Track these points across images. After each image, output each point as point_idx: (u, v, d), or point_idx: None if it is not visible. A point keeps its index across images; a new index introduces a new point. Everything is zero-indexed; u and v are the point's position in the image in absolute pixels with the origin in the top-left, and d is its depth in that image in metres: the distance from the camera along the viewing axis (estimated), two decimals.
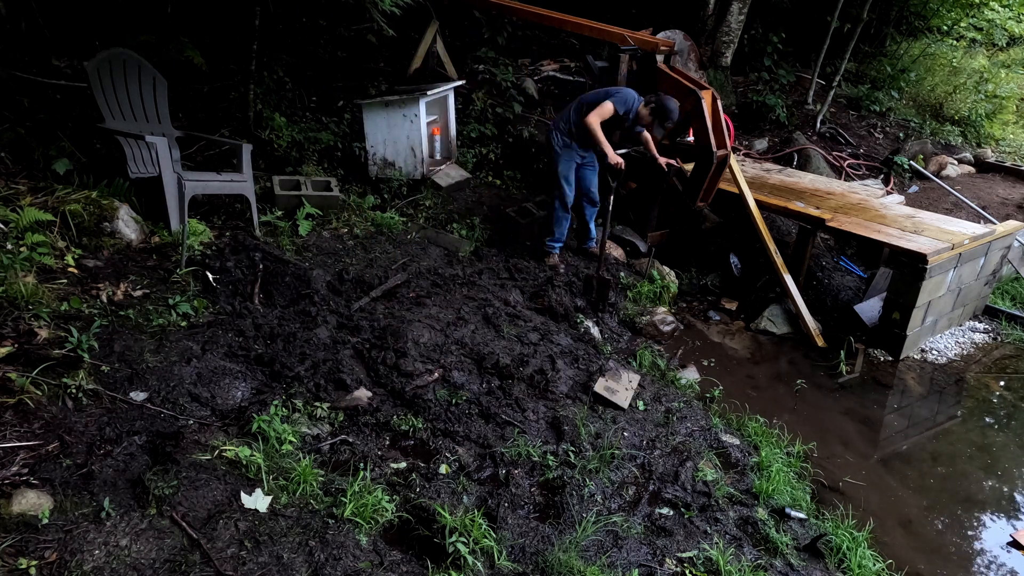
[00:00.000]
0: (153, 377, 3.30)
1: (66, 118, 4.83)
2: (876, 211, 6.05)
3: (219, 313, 4.02)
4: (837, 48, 9.69)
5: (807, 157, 8.27)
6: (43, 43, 5.16)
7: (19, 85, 4.77)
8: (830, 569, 3.27)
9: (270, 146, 5.79)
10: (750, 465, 3.88)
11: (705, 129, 5.51)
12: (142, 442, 2.93)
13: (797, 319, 5.65)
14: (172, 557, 2.47)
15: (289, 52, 6.62)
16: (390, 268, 4.98)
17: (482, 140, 7.04)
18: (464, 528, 2.89)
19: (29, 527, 2.40)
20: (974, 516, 3.94)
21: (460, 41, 8.11)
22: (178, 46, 5.47)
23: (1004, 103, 10.59)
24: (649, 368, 4.74)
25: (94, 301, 3.64)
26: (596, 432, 3.81)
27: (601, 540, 3.11)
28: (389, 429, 3.58)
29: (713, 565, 3.08)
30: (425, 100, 5.88)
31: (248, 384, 3.55)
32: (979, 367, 5.46)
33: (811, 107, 9.51)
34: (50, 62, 5.18)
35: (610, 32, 6.11)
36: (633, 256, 6.04)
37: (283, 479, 2.98)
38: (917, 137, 9.40)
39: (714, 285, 6.33)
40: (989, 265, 5.87)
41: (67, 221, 4.00)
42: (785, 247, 6.16)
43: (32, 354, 3.06)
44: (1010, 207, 7.85)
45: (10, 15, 4.90)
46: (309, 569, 2.58)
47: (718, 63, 9.06)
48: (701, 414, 4.26)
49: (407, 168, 6.09)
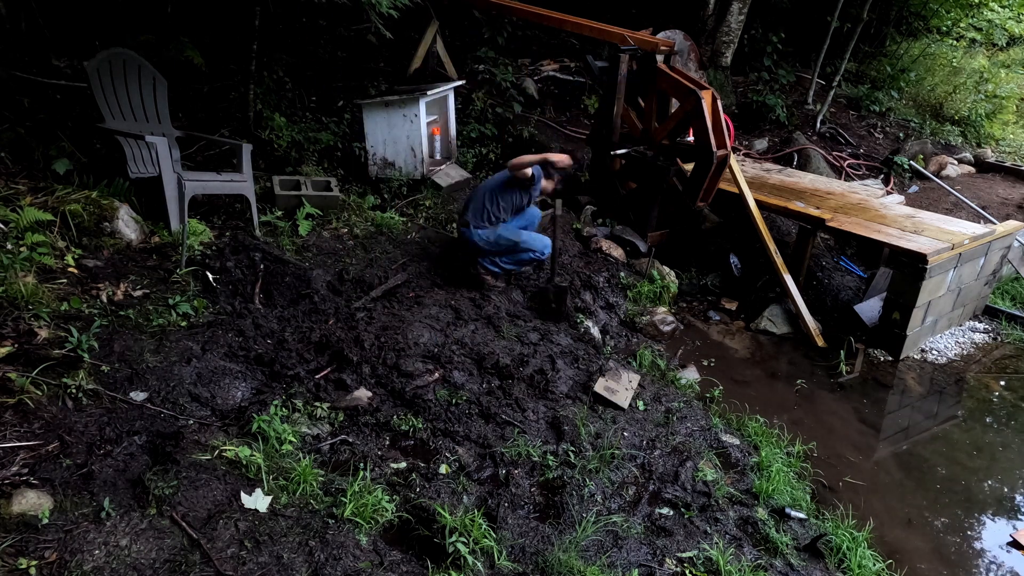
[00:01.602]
0: (153, 377, 3.30)
1: (66, 118, 4.83)
2: (876, 211, 6.05)
3: (219, 313, 4.02)
4: (837, 48, 9.70)
5: (807, 157, 8.27)
6: (43, 43, 5.16)
7: (19, 85, 4.77)
8: (830, 569, 3.27)
9: (270, 146, 5.79)
10: (750, 465, 3.88)
11: (705, 129, 5.51)
12: (142, 442, 2.93)
13: (797, 319, 5.65)
14: (172, 557, 2.47)
15: (289, 52, 6.62)
16: (390, 268, 4.98)
17: (482, 140, 7.04)
18: (464, 528, 2.89)
19: (29, 527, 2.40)
20: (974, 516, 3.94)
21: (460, 41, 8.11)
22: (178, 46, 5.47)
23: (1004, 103, 10.59)
24: (649, 368, 4.74)
25: (94, 301, 3.64)
26: (596, 432, 3.81)
27: (601, 540, 3.11)
28: (389, 429, 3.58)
29: (713, 565, 3.08)
30: (425, 100, 5.88)
31: (248, 384, 3.56)
32: (979, 367, 5.46)
33: (811, 107, 9.51)
34: (50, 62, 5.18)
35: (610, 32, 6.10)
36: (633, 256, 6.03)
37: (283, 479, 2.98)
38: (917, 137, 9.40)
39: (714, 285, 6.33)
40: (989, 265, 5.87)
41: (67, 221, 4.00)
42: (785, 247, 6.16)
43: (32, 354, 3.06)
44: (1010, 207, 7.85)
45: (10, 15, 4.90)
46: (309, 569, 2.58)
47: (718, 63, 9.06)
48: (701, 414, 4.25)
49: (407, 168, 6.08)
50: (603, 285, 5.43)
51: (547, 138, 7.42)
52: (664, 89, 5.91)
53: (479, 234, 4.92)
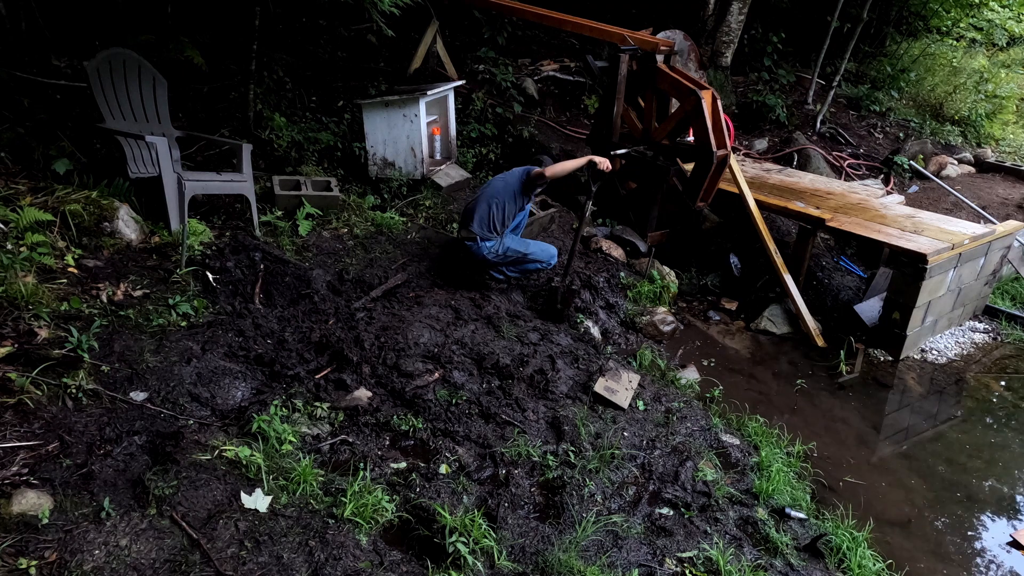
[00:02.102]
0: (153, 377, 3.30)
1: (66, 118, 4.83)
2: (876, 211, 6.05)
3: (219, 313, 4.02)
4: (837, 48, 9.70)
5: (807, 157, 8.27)
6: (43, 43, 5.16)
7: (19, 85, 4.77)
8: (830, 569, 3.27)
9: (270, 146, 5.79)
10: (750, 465, 3.88)
11: (705, 129, 5.51)
12: (142, 442, 2.93)
13: (797, 319, 5.66)
14: (172, 557, 2.47)
15: (289, 52, 6.62)
16: (390, 268, 4.98)
17: (482, 140, 7.04)
18: (464, 528, 2.89)
19: (29, 527, 2.40)
20: (974, 516, 3.94)
21: (460, 41, 8.11)
22: (178, 46, 5.46)
23: (1004, 103, 10.59)
24: (649, 368, 4.74)
25: (94, 301, 3.64)
26: (596, 432, 3.81)
27: (601, 540, 3.11)
28: (389, 429, 3.58)
29: (713, 565, 3.08)
30: (425, 100, 5.88)
31: (248, 384, 3.56)
32: (979, 367, 5.46)
33: (811, 107, 9.51)
34: (50, 62, 5.18)
35: (610, 32, 6.11)
36: (633, 256, 6.03)
37: (283, 479, 2.98)
38: (917, 137, 9.40)
39: (714, 285, 6.33)
40: (989, 265, 5.87)
41: (67, 221, 4.00)
42: (785, 247, 6.16)
43: (32, 354, 3.06)
44: (1010, 207, 7.86)
45: (10, 15, 4.90)
46: (309, 569, 2.58)
47: (718, 63, 9.06)
48: (701, 414, 4.25)
49: (407, 168, 6.09)
50: (603, 285, 5.43)
51: (547, 138, 7.42)
52: (664, 89, 5.91)
53: (487, 247, 4.77)
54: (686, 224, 6.39)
